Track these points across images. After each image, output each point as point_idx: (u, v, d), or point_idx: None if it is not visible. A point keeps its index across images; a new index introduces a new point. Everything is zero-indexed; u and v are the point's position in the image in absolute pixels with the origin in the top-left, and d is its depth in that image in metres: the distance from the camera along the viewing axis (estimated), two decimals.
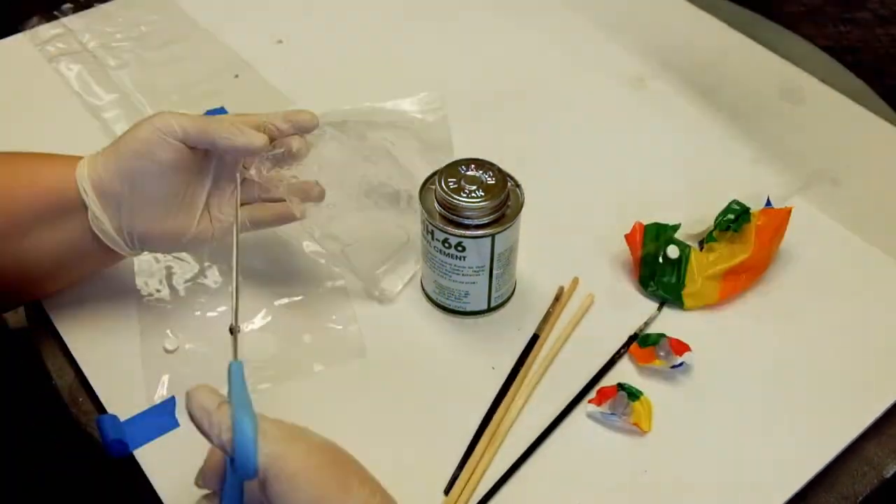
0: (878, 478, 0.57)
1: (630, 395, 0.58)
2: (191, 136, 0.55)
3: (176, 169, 0.56)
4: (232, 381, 0.47)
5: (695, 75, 0.86)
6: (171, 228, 0.58)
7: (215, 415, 0.44)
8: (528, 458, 0.57)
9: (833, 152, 0.79)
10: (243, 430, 0.43)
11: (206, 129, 0.55)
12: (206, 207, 0.59)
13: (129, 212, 0.56)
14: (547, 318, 0.64)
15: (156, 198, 0.56)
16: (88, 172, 0.56)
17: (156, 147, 0.55)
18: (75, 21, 0.91)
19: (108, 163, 0.56)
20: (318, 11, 0.93)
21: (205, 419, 0.44)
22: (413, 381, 0.61)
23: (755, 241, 0.65)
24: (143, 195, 0.56)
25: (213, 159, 0.59)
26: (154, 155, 0.55)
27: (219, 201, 0.60)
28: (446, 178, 0.59)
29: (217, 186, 0.60)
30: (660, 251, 0.66)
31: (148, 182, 0.56)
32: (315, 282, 0.67)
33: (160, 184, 0.56)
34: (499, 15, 0.93)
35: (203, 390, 0.45)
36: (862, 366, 0.62)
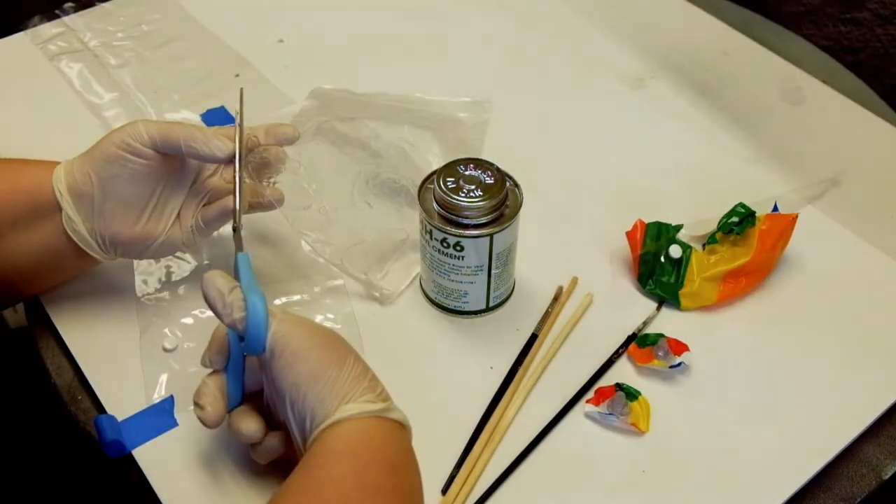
0: (877, 479, 0.57)
1: (628, 396, 0.58)
2: (158, 142, 0.57)
3: (147, 175, 0.58)
4: (240, 269, 0.53)
5: (695, 75, 0.86)
6: (141, 233, 0.59)
7: (229, 296, 0.50)
8: (525, 458, 0.57)
9: (833, 152, 0.79)
10: (256, 309, 0.49)
11: (170, 136, 0.57)
12: (178, 216, 0.61)
13: (101, 215, 0.58)
14: (545, 318, 0.64)
15: (127, 202, 0.58)
16: (64, 175, 0.58)
17: (126, 153, 0.57)
18: (76, 20, 0.91)
19: (83, 166, 0.58)
20: (318, 11, 0.93)
21: (219, 300, 0.50)
22: (411, 381, 0.61)
23: (757, 245, 0.65)
24: (115, 199, 0.58)
25: (189, 168, 0.61)
26: (125, 160, 0.57)
27: (192, 211, 0.61)
28: (445, 177, 0.59)
29: (192, 194, 0.61)
30: (661, 250, 0.66)
31: (119, 187, 0.58)
32: (314, 281, 0.67)
33: (131, 189, 0.58)
34: (499, 15, 0.93)
35: (217, 274, 0.51)
36: (861, 367, 0.62)
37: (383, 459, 0.48)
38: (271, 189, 0.63)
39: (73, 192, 0.58)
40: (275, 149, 0.63)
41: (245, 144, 0.60)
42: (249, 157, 0.62)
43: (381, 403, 0.49)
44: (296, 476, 0.47)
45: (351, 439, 0.48)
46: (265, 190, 0.63)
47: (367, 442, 0.48)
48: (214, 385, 0.52)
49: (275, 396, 0.51)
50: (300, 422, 0.49)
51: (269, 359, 0.49)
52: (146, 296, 0.65)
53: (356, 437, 0.48)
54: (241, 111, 0.60)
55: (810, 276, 0.68)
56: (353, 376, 0.49)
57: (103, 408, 0.59)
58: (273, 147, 0.63)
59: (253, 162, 0.62)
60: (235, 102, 0.62)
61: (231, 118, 0.81)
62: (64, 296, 0.65)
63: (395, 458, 0.49)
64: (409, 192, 0.67)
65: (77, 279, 0.66)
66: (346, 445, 0.47)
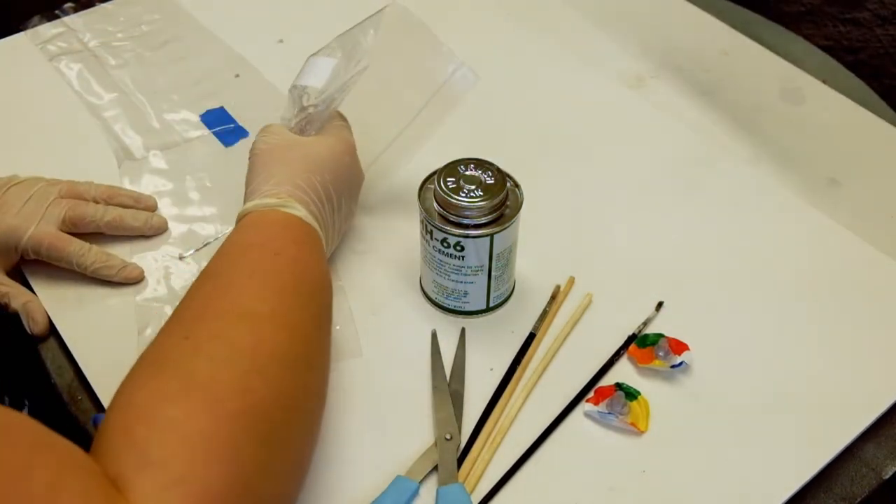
0: (877, 479, 0.57)
1: (627, 395, 0.58)
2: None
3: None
4: None
5: (695, 75, 0.86)
6: None
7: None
8: (526, 459, 0.57)
9: (833, 152, 0.79)
10: None
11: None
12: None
13: None
14: (543, 318, 0.64)
15: None
16: None
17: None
18: (76, 20, 0.91)
19: None
20: (319, 11, 0.93)
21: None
22: (411, 381, 0.61)
23: None
24: None
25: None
26: None
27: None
28: (445, 177, 0.59)
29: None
30: None
31: None
32: None
33: None
34: (499, 14, 0.93)
35: None
36: (861, 366, 0.62)
37: (263, 245, 0.55)
38: (153, 221, 0.70)
39: None
40: (144, 215, 0.70)
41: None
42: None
43: (274, 199, 0.57)
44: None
45: (242, 228, 0.56)
46: (141, 225, 0.69)
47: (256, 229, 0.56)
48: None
49: None
50: None
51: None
52: (144, 297, 0.66)
53: (246, 225, 0.56)
54: None
55: (810, 276, 0.68)
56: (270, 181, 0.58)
57: (103, 408, 0.59)
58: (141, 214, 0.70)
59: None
60: (235, 103, 0.63)
61: (231, 118, 0.81)
62: (64, 295, 0.65)
63: (279, 244, 0.55)
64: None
65: (77, 280, 0.66)
66: (238, 233, 0.56)
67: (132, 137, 0.79)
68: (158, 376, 0.46)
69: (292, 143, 0.62)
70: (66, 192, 0.67)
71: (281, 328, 0.50)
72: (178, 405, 0.43)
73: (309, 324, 0.53)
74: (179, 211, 0.72)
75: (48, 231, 0.64)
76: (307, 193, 0.59)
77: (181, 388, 0.44)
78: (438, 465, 0.55)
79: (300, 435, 0.49)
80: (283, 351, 0.49)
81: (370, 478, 0.55)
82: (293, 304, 0.52)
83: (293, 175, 0.59)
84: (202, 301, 0.51)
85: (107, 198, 0.69)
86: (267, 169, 0.60)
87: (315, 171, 0.60)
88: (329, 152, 0.62)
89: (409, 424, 0.58)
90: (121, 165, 0.76)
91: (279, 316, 0.51)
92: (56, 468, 0.38)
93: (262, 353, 0.48)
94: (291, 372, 0.49)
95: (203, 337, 0.48)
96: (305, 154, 0.61)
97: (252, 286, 0.52)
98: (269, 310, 0.50)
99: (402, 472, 0.55)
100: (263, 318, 0.50)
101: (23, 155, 0.77)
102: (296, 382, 0.49)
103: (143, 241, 0.69)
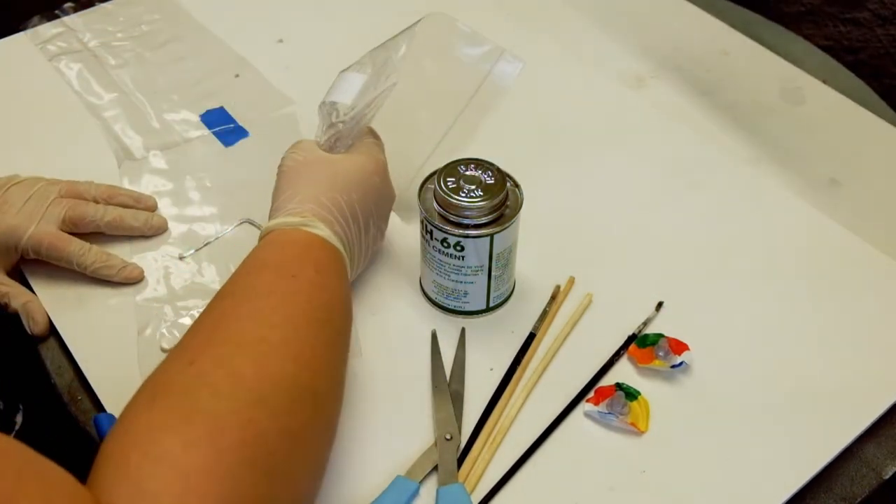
0: (877, 479, 0.57)
1: (628, 395, 0.58)
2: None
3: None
4: None
5: (695, 75, 0.86)
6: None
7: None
8: (526, 459, 0.57)
9: (833, 152, 0.79)
10: None
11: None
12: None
13: None
14: (543, 318, 0.64)
15: None
16: None
17: None
18: (76, 20, 0.91)
19: None
20: (319, 11, 0.93)
21: None
22: (411, 381, 0.61)
23: None
24: None
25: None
26: None
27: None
28: (445, 177, 0.59)
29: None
30: None
31: None
32: None
33: None
34: (499, 14, 0.93)
35: None
36: (861, 366, 0.62)
37: (280, 266, 0.54)
38: (153, 221, 0.70)
39: None
40: (144, 215, 0.70)
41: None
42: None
43: (297, 217, 0.56)
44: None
45: (263, 246, 0.56)
46: (141, 225, 0.69)
47: (275, 249, 0.55)
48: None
49: None
50: None
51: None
52: (144, 297, 0.66)
53: (267, 244, 0.56)
54: None
55: (810, 276, 0.68)
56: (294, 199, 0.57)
57: (103, 408, 0.59)
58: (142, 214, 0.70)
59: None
60: (235, 103, 0.62)
61: (231, 118, 0.81)
62: (64, 295, 0.65)
63: (298, 266, 0.54)
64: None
65: (77, 280, 0.66)
66: (257, 252, 0.55)
67: (132, 137, 0.79)
68: (159, 403, 0.44)
69: (320, 161, 0.60)
70: (67, 192, 0.67)
71: (290, 358, 0.48)
72: (176, 436, 0.42)
73: (321, 353, 0.51)
74: (179, 211, 0.72)
75: (48, 231, 0.64)
76: (332, 213, 0.57)
77: (181, 418, 0.43)
78: (438, 465, 0.55)
79: (304, 469, 0.47)
80: (290, 382, 0.47)
81: (370, 478, 0.55)
82: (306, 332, 0.50)
83: (319, 193, 0.57)
84: (212, 324, 0.50)
85: (107, 198, 0.69)
86: (292, 186, 0.58)
87: (342, 190, 0.58)
88: (358, 171, 0.60)
89: (409, 424, 0.58)
90: (121, 165, 0.76)
91: (290, 344, 0.49)
92: (42, 499, 0.37)
93: (267, 383, 0.46)
94: (298, 404, 0.47)
95: (207, 365, 0.46)
96: (334, 172, 0.59)
97: (265, 310, 0.50)
98: (279, 337, 0.49)
99: (402, 472, 0.55)
100: (272, 347, 0.48)
101: (23, 155, 0.77)
102: (302, 415, 0.47)
103: (143, 241, 0.70)
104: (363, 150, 0.62)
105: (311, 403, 0.49)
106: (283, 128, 0.79)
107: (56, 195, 0.66)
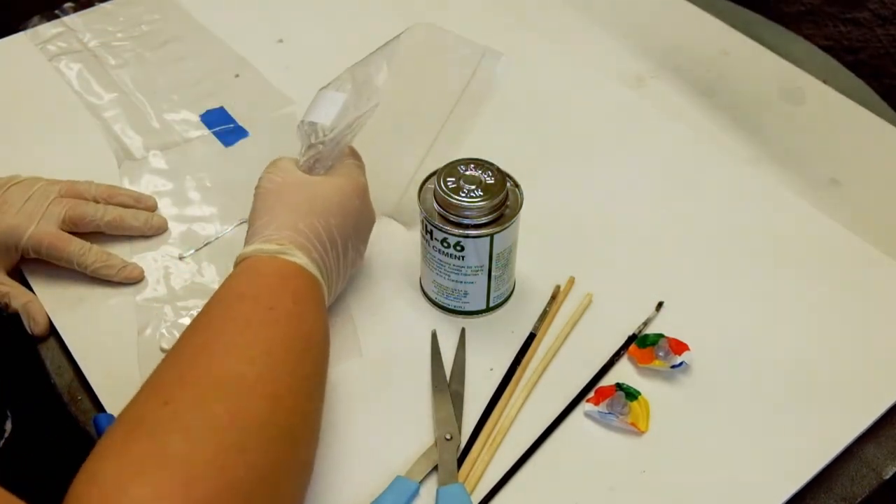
0: (877, 479, 0.57)
1: (628, 395, 0.58)
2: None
3: None
4: None
5: (695, 75, 0.86)
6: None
7: None
8: (526, 459, 0.57)
9: (833, 152, 0.79)
10: None
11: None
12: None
13: None
14: (543, 318, 0.64)
15: None
16: None
17: None
18: (76, 20, 0.91)
19: None
20: (318, 10, 0.93)
21: None
22: (411, 381, 0.61)
23: None
24: None
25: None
26: None
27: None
28: (445, 177, 0.59)
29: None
30: None
31: None
32: None
33: None
34: (499, 14, 0.93)
35: None
36: (861, 366, 0.62)
37: (256, 297, 0.52)
38: (153, 221, 0.70)
39: None
40: (144, 215, 0.70)
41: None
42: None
43: (274, 245, 0.54)
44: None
45: (237, 275, 0.54)
46: (141, 224, 0.69)
47: (246, 278, 0.54)
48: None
49: None
50: None
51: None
52: (144, 297, 0.66)
53: (242, 272, 0.54)
54: None
55: (810, 276, 0.68)
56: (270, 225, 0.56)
57: (103, 408, 0.59)
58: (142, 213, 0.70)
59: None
60: (235, 103, 0.62)
61: (230, 118, 0.81)
62: (63, 295, 0.65)
63: (274, 297, 0.52)
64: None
65: (77, 280, 0.66)
66: (232, 281, 0.54)
67: (132, 137, 0.79)
68: (131, 446, 0.43)
69: (299, 183, 0.58)
70: (67, 192, 0.67)
71: (266, 397, 0.47)
72: (147, 483, 0.40)
73: (297, 388, 0.50)
74: (179, 211, 0.72)
75: (48, 230, 0.64)
76: (310, 240, 0.56)
77: (153, 464, 0.42)
78: (438, 465, 0.55)
79: None
80: (266, 424, 0.46)
81: (370, 478, 0.55)
82: (282, 367, 0.49)
83: (297, 219, 0.56)
84: (188, 359, 0.49)
85: (107, 197, 0.69)
86: (270, 210, 0.57)
87: (321, 215, 0.57)
88: (337, 194, 0.58)
89: (409, 424, 0.58)
90: (121, 165, 0.76)
91: (266, 381, 0.48)
92: None
93: (242, 426, 0.45)
94: (273, 446, 0.46)
95: (182, 405, 0.45)
96: (312, 195, 0.58)
97: (241, 344, 0.49)
98: (255, 374, 0.48)
99: (402, 472, 0.55)
100: (248, 385, 0.47)
101: (23, 155, 0.77)
102: (278, 457, 0.46)
103: (143, 241, 0.70)
104: (343, 172, 0.60)
105: (288, 444, 0.48)
106: (283, 128, 0.79)
107: (56, 195, 0.66)
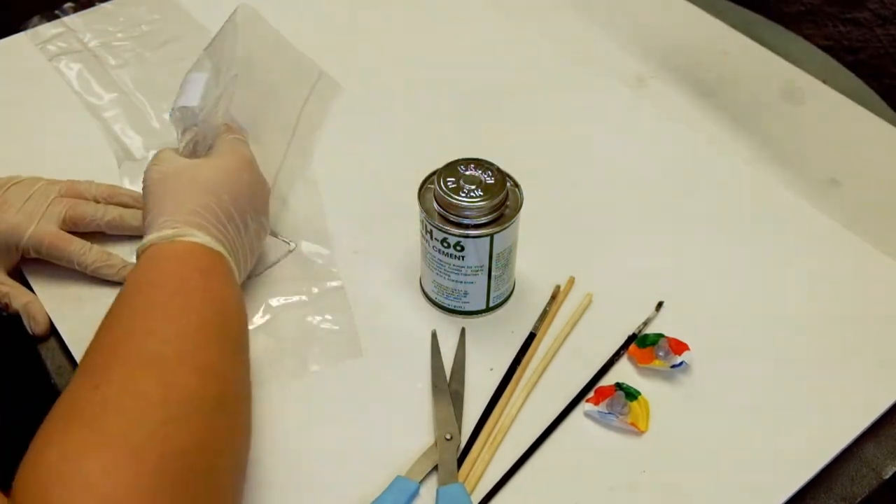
0: (877, 479, 0.57)
1: (628, 395, 0.58)
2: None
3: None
4: None
5: (695, 75, 0.86)
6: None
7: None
8: (526, 459, 0.57)
9: (833, 152, 0.79)
10: None
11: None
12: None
13: None
14: (543, 318, 0.64)
15: None
16: None
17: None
18: (76, 20, 0.91)
19: None
20: (318, 10, 0.93)
21: None
22: (411, 381, 0.61)
23: None
24: None
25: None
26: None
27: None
28: (445, 177, 0.59)
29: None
30: None
31: None
32: (312, 282, 0.67)
33: None
34: (498, 14, 0.93)
35: None
36: (860, 366, 0.62)
37: (163, 282, 0.53)
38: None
39: None
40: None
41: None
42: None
43: (170, 230, 0.54)
44: None
45: (141, 266, 0.55)
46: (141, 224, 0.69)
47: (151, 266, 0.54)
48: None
49: None
50: None
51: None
52: None
53: (145, 262, 0.54)
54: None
55: (810, 276, 0.68)
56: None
57: None
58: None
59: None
60: (235, 103, 0.63)
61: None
62: (64, 296, 0.65)
63: (180, 279, 0.53)
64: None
65: (77, 280, 0.66)
66: (136, 273, 0.54)
67: (132, 137, 0.79)
68: (70, 431, 0.43)
69: (183, 168, 0.59)
70: (67, 192, 0.67)
71: (191, 371, 0.48)
72: (93, 460, 0.41)
73: (221, 359, 0.51)
74: None
75: (49, 230, 0.64)
76: (206, 218, 0.56)
77: (95, 443, 0.42)
78: (438, 465, 0.55)
79: (226, 477, 0.47)
80: (196, 395, 0.47)
81: (370, 478, 0.55)
82: (201, 342, 0.50)
83: (187, 201, 0.56)
84: (109, 347, 0.49)
85: (107, 197, 0.69)
86: (160, 200, 0.57)
87: (211, 193, 0.57)
88: (223, 171, 0.59)
89: (409, 424, 0.58)
90: (121, 165, 0.76)
91: (187, 357, 0.49)
92: None
93: (176, 399, 0.46)
94: (208, 416, 0.47)
95: (112, 389, 0.45)
96: (198, 177, 0.58)
97: (156, 328, 0.49)
98: (175, 352, 0.48)
99: (402, 472, 0.55)
100: (171, 362, 0.48)
101: (23, 155, 0.77)
102: (214, 425, 0.47)
103: None
104: (225, 150, 0.61)
105: (222, 412, 0.48)
106: None
107: (56, 195, 0.66)
